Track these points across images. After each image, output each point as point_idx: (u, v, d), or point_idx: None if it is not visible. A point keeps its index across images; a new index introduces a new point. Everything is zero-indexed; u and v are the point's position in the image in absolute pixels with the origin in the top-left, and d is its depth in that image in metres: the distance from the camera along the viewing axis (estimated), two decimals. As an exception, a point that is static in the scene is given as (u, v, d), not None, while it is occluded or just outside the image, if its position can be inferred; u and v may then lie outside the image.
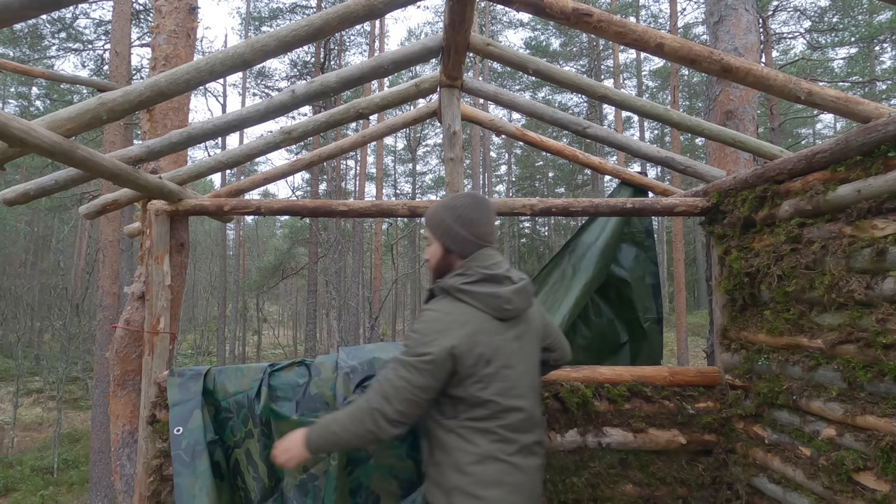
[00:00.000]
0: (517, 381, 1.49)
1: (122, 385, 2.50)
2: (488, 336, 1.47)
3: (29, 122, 1.39)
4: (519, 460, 1.47)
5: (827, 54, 18.55)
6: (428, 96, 2.73)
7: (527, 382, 1.53)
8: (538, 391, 1.60)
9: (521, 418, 1.49)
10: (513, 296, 1.50)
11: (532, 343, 1.58)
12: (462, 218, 1.54)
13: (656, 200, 2.58)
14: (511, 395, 1.48)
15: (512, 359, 1.49)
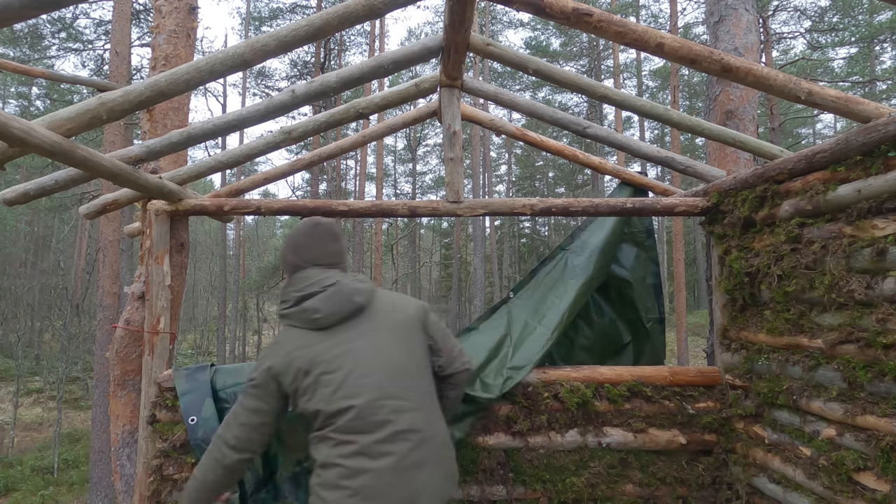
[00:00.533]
0: (342, 383, 1.51)
1: (122, 385, 2.50)
2: (304, 350, 1.56)
3: (29, 122, 1.39)
4: (358, 462, 1.46)
5: (827, 54, 18.56)
6: (428, 96, 2.73)
7: (359, 381, 1.51)
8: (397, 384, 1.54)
9: (350, 418, 1.48)
10: (320, 304, 1.59)
11: (379, 339, 1.59)
12: (293, 245, 1.70)
13: (656, 200, 2.58)
14: (336, 398, 1.50)
15: (334, 363, 1.53)
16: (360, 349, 1.56)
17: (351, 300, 1.60)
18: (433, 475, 1.50)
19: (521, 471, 2.30)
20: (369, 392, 1.51)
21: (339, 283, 1.61)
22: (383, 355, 1.57)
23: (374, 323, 1.61)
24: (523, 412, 2.31)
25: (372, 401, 1.50)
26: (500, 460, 2.30)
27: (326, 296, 1.59)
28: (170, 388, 2.32)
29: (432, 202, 2.45)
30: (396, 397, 1.52)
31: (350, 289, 1.61)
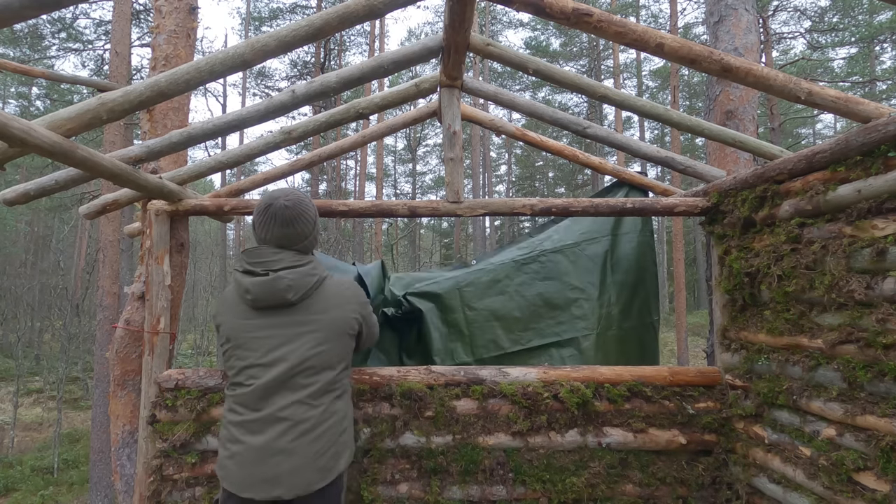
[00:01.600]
0: (249, 364, 1.70)
1: (122, 385, 2.50)
2: (232, 317, 1.75)
3: (29, 122, 1.39)
4: (237, 432, 1.68)
5: (827, 54, 18.56)
6: (428, 96, 2.73)
7: (263, 366, 1.69)
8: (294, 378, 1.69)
9: (245, 393, 1.70)
10: (252, 287, 1.70)
11: (298, 335, 1.71)
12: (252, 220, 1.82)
13: (656, 200, 2.58)
14: (240, 373, 1.72)
15: (250, 343, 1.71)
16: (276, 338, 1.70)
17: (281, 296, 1.69)
18: (299, 465, 1.63)
19: (521, 471, 2.30)
20: (267, 378, 1.67)
21: (276, 276, 1.69)
22: (294, 351, 1.69)
23: (300, 317, 1.72)
24: (523, 412, 2.31)
25: (266, 385, 1.67)
26: (500, 460, 2.30)
27: (260, 282, 1.69)
28: (170, 388, 2.32)
29: (432, 202, 2.45)
30: (289, 388, 1.68)
31: (284, 285, 1.69)
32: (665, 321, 21.36)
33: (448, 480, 2.30)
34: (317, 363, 1.70)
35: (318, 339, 1.71)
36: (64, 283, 18.50)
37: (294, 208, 1.75)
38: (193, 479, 2.28)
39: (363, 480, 2.27)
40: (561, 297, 3.16)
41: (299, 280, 1.71)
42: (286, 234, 1.75)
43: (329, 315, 1.74)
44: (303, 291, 1.71)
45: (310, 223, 1.79)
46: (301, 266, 1.73)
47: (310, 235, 1.80)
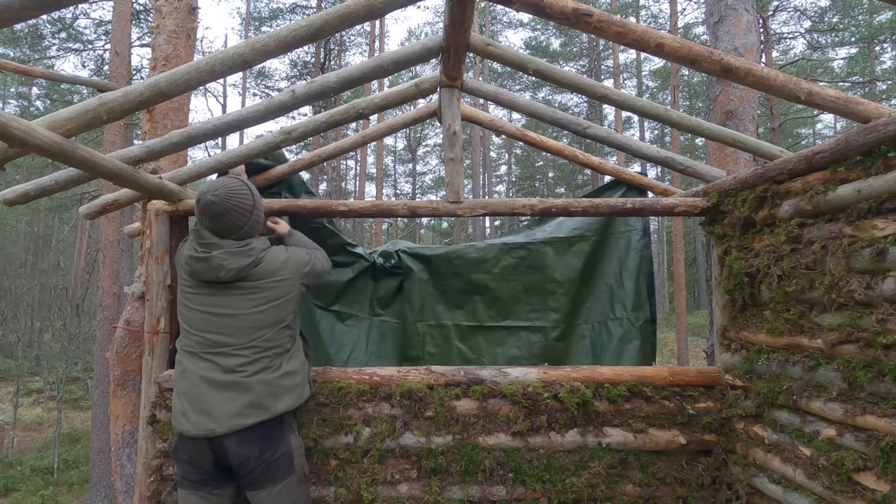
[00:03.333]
0: (193, 316, 1.99)
1: (122, 385, 2.50)
2: (183, 272, 2.02)
3: (29, 122, 1.39)
4: (184, 368, 1.97)
5: (827, 54, 18.56)
6: (428, 96, 2.73)
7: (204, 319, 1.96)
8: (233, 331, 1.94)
9: (192, 342, 1.98)
10: (193, 265, 1.94)
11: (234, 301, 1.95)
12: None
13: (656, 200, 2.58)
14: (186, 323, 2.00)
15: (193, 300, 1.98)
16: (215, 302, 1.95)
17: (215, 275, 1.91)
18: (234, 401, 1.87)
19: (521, 471, 2.30)
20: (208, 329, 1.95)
21: (209, 257, 1.90)
22: (231, 314, 1.94)
23: (236, 290, 1.95)
24: (523, 412, 2.31)
25: (209, 333, 1.94)
26: (500, 460, 2.30)
27: (199, 258, 1.91)
28: (170, 388, 2.32)
29: (432, 202, 2.45)
30: (226, 336, 1.93)
31: (216, 264, 1.90)
32: (665, 321, 21.36)
33: (448, 480, 2.30)
34: (252, 324, 1.94)
35: (254, 302, 1.95)
36: (64, 283, 18.49)
37: (221, 203, 1.89)
38: (193, 479, 2.28)
39: (363, 480, 2.27)
40: (540, 287, 3.31)
41: (232, 261, 1.90)
42: (217, 227, 1.92)
43: (267, 283, 1.97)
44: (236, 272, 1.91)
45: (243, 214, 1.94)
46: (238, 248, 1.92)
47: (244, 226, 1.95)
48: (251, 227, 1.98)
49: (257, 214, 2.01)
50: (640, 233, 3.27)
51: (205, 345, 1.94)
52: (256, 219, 2.00)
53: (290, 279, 2.02)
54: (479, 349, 3.28)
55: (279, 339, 2.00)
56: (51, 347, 19.32)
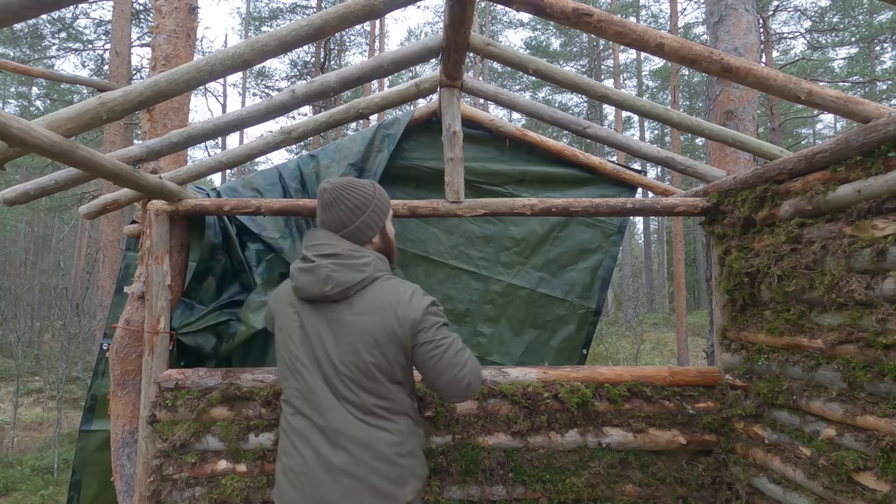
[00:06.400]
0: (294, 359, 1.55)
1: (122, 385, 2.50)
2: (284, 303, 1.63)
3: (29, 122, 1.39)
4: (290, 440, 1.53)
5: (827, 54, 18.57)
6: (428, 96, 2.73)
7: (307, 365, 1.52)
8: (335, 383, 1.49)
9: (292, 395, 1.56)
10: (298, 275, 1.55)
11: (337, 337, 1.50)
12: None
13: (656, 200, 2.58)
14: (286, 370, 1.58)
15: (295, 334, 1.56)
16: (317, 331, 1.53)
17: (320, 288, 1.51)
18: (354, 487, 1.43)
19: (521, 471, 2.30)
20: (308, 382, 1.52)
21: (318, 264, 1.52)
22: (330, 360, 1.50)
23: (341, 317, 1.51)
24: (523, 412, 2.31)
25: (309, 391, 1.51)
26: (499, 460, 2.30)
27: (305, 270, 1.54)
28: (169, 388, 2.32)
29: (432, 202, 2.45)
30: (334, 396, 1.49)
31: (324, 275, 1.50)
32: (665, 321, 21.36)
33: (448, 480, 2.30)
34: (357, 372, 1.49)
35: (360, 342, 1.49)
36: (64, 283, 18.49)
37: (331, 191, 1.60)
38: (193, 479, 2.29)
39: (363, 480, 2.27)
40: (497, 240, 3.30)
41: (341, 273, 1.51)
42: (328, 220, 1.61)
43: (371, 318, 1.50)
44: (343, 287, 1.50)
45: (353, 210, 1.59)
46: (351, 258, 1.54)
47: (350, 224, 1.59)
48: (361, 228, 1.60)
49: (372, 217, 1.62)
50: (614, 227, 3.30)
51: (306, 398, 1.52)
52: (369, 221, 1.61)
53: (393, 328, 1.50)
54: (415, 279, 3.21)
55: (392, 397, 1.53)
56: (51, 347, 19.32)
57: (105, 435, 2.65)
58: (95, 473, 2.66)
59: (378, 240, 1.65)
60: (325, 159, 2.98)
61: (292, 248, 2.80)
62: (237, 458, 2.29)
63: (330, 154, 3.00)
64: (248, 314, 2.59)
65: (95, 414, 2.68)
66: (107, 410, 2.61)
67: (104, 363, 2.67)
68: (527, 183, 3.22)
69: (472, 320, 3.27)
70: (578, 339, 3.29)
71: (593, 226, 3.32)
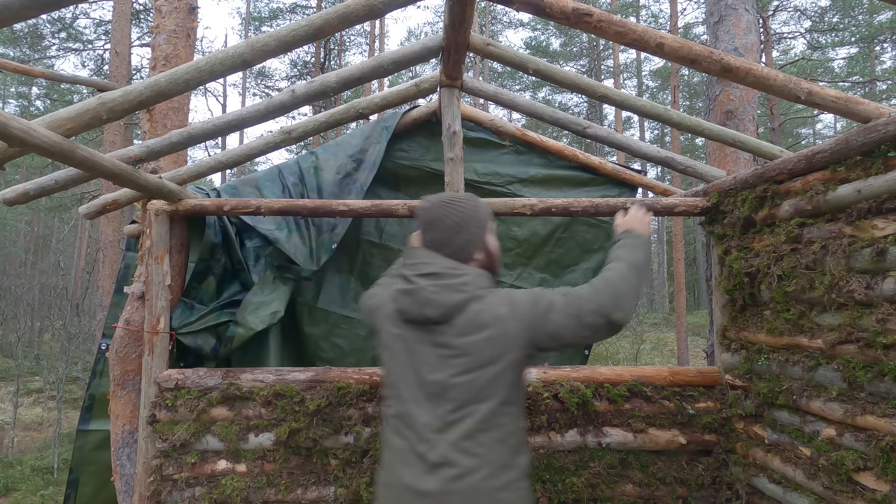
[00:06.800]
0: (395, 380, 1.51)
1: (122, 385, 2.50)
2: (385, 320, 1.57)
3: (29, 122, 1.39)
4: (390, 456, 1.49)
5: (827, 54, 18.57)
6: (428, 96, 2.74)
7: (406, 388, 1.48)
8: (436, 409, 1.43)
9: (392, 415, 1.51)
10: (399, 297, 1.50)
11: (444, 359, 1.44)
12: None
13: (656, 200, 2.58)
14: (390, 386, 1.54)
15: (398, 356, 1.51)
16: (418, 356, 1.48)
17: (420, 311, 1.47)
18: None
19: (521, 471, 2.30)
20: (411, 404, 1.46)
21: (418, 286, 1.47)
22: (435, 379, 1.44)
23: (444, 339, 1.45)
24: (523, 412, 2.31)
25: (410, 412, 1.46)
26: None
27: (406, 292, 1.50)
28: (169, 388, 2.32)
29: (432, 202, 2.45)
30: (435, 422, 1.43)
31: (424, 297, 1.45)
32: (665, 321, 21.36)
33: (448, 480, 2.30)
34: (462, 395, 1.41)
35: (462, 364, 1.42)
36: (64, 283, 18.48)
37: (431, 210, 1.55)
38: (193, 479, 2.29)
39: (363, 480, 2.27)
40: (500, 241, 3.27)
41: (442, 295, 1.45)
42: (429, 239, 1.55)
43: (478, 337, 1.43)
44: (444, 309, 1.44)
45: (452, 228, 1.53)
46: (451, 277, 1.47)
47: (452, 243, 1.53)
48: (461, 247, 1.53)
49: (472, 235, 1.55)
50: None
51: (405, 420, 1.48)
52: (470, 239, 1.54)
53: (507, 336, 1.43)
54: None
55: (496, 422, 1.45)
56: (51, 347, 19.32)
57: (103, 434, 2.64)
58: (93, 472, 2.66)
59: (481, 256, 1.58)
60: (325, 154, 3.00)
61: (288, 238, 2.78)
62: (237, 458, 2.29)
63: (330, 149, 3.01)
64: (245, 316, 2.58)
65: (93, 414, 2.68)
66: (105, 410, 2.60)
67: (102, 363, 2.67)
68: (528, 184, 3.22)
69: None
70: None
71: (596, 226, 3.31)
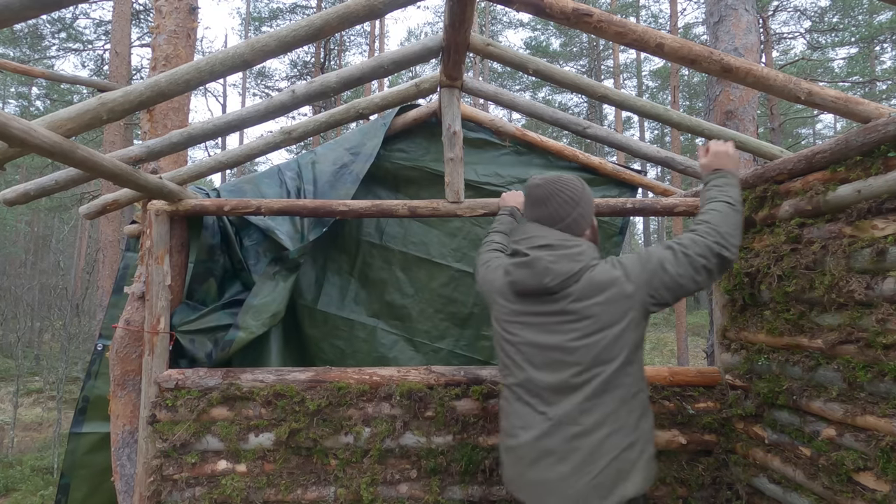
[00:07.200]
0: (513, 354, 1.60)
1: (122, 385, 2.50)
2: (499, 296, 1.66)
3: (29, 122, 1.39)
4: (508, 424, 1.61)
5: (827, 54, 18.56)
6: (428, 96, 2.73)
7: (525, 360, 1.57)
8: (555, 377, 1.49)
9: (513, 382, 1.61)
10: (514, 270, 1.58)
11: (563, 324, 1.49)
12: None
13: (656, 200, 2.58)
14: (505, 362, 1.64)
15: (514, 329, 1.60)
16: (536, 327, 1.54)
17: (539, 281, 1.51)
18: (569, 474, 1.43)
19: (521, 471, 2.30)
20: (530, 373, 1.54)
21: (535, 257, 1.52)
22: (556, 345, 1.50)
23: (561, 306, 1.50)
24: (523, 412, 2.31)
25: (529, 379, 1.55)
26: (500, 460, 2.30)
27: (521, 264, 1.56)
28: (170, 388, 2.32)
29: (432, 202, 2.45)
30: (557, 386, 1.49)
31: (542, 267, 1.50)
32: (665, 321, 21.36)
33: (448, 480, 2.30)
34: (583, 358, 1.46)
35: (583, 328, 1.47)
36: (64, 283, 18.48)
37: (546, 187, 1.61)
38: (193, 479, 2.29)
39: (363, 480, 2.27)
40: None
41: (560, 263, 1.50)
42: (541, 215, 1.61)
43: (598, 299, 1.47)
44: (563, 278, 1.49)
45: (568, 203, 1.59)
46: (566, 248, 1.53)
47: (567, 217, 1.59)
48: (575, 221, 1.60)
49: (584, 210, 1.62)
50: (616, 228, 3.28)
51: (531, 389, 1.54)
52: (582, 214, 1.61)
53: (626, 296, 1.46)
54: (417, 282, 3.21)
55: (621, 382, 1.48)
56: (51, 347, 19.32)
57: (96, 437, 2.62)
58: (85, 477, 2.62)
59: (590, 232, 1.66)
60: (323, 150, 3.00)
61: (281, 223, 2.77)
62: (237, 458, 2.29)
63: (329, 146, 3.02)
64: (247, 319, 2.56)
65: (87, 416, 2.65)
66: (99, 412, 2.58)
67: (98, 364, 2.66)
68: None
69: (476, 323, 3.25)
70: None
71: (599, 225, 3.31)
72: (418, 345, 3.20)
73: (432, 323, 3.22)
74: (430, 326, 3.21)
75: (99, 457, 2.61)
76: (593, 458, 1.42)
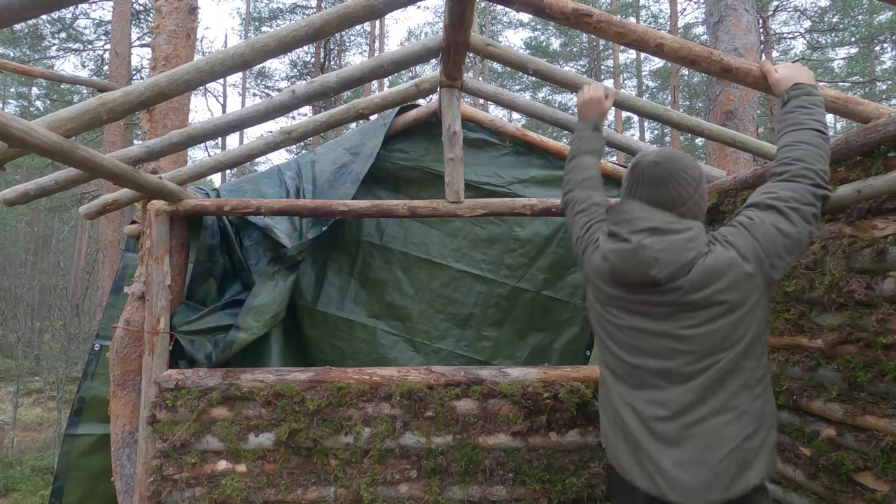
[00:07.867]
0: (613, 340, 1.48)
1: (122, 385, 2.50)
2: (595, 276, 1.51)
3: (29, 122, 1.39)
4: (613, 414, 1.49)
5: (827, 54, 18.56)
6: (428, 96, 2.74)
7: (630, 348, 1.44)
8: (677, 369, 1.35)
9: (614, 363, 1.49)
10: (613, 256, 1.41)
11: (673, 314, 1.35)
12: (622, 188, 1.55)
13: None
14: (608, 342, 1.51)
15: (612, 314, 1.48)
16: (639, 315, 1.41)
17: (644, 271, 1.35)
18: (686, 461, 1.32)
19: (521, 471, 2.30)
20: (635, 360, 1.42)
21: (639, 244, 1.36)
22: (669, 332, 1.36)
23: (673, 297, 1.34)
24: (523, 412, 2.31)
25: (636, 366, 1.42)
26: (500, 460, 2.30)
27: (622, 250, 1.39)
28: (170, 388, 2.32)
29: (432, 202, 2.45)
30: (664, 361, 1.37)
31: (649, 257, 1.34)
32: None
33: (448, 480, 2.30)
34: (700, 347, 1.33)
35: (699, 317, 1.32)
36: (64, 283, 18.48)
37: (665, 166, 1.41)
38: (193, 479, 2.29)
39: (363, 480, 2.27)
40: (502, 242, 3.26)
41: (669, 252, 1.33)
42: (658, 197, 1.41)
43: (718, 286, 1.31)
44: (672, 269, 1.32)
45: (690, 184, 1.41)
46: (675, 233, 1.35)
47: (689, 200, 1.41)
48: (695, 204, 1.43)
49: (703, 192, 1.46)
50: None
51: (636, 374, 1.43)
52: (702, 196, 1.45)
53: (747, 275, 1.31)
54: (417, 282, 3.21)
55: (743, 367, 1.34)
56: (51, 347, 19.31)
57: (91, 439, 2.60)
58: (79, 480, 2.59)
59: (704, 214, 1.50)
60: (323, 149, 3.01)
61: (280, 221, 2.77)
62: (237, 458, 2.29)
63: (329, 146, 3.02)
64: (247, 319, 2.55)
65: (83, 417, 2.63)
66: (95, 413, 2.57)
67: (95, 364, 2.64)
68: (528, 184, 3.21)
69: (476, 324, 3.25)
70: (582, 340, 3.27)
71: None
72: (418, 345, 3.20)
73: (432, 323, 3.22)
74: (430, 327, 3.21)
75: (94, 459, 2.57)
76: (711, 446, 1.31)
